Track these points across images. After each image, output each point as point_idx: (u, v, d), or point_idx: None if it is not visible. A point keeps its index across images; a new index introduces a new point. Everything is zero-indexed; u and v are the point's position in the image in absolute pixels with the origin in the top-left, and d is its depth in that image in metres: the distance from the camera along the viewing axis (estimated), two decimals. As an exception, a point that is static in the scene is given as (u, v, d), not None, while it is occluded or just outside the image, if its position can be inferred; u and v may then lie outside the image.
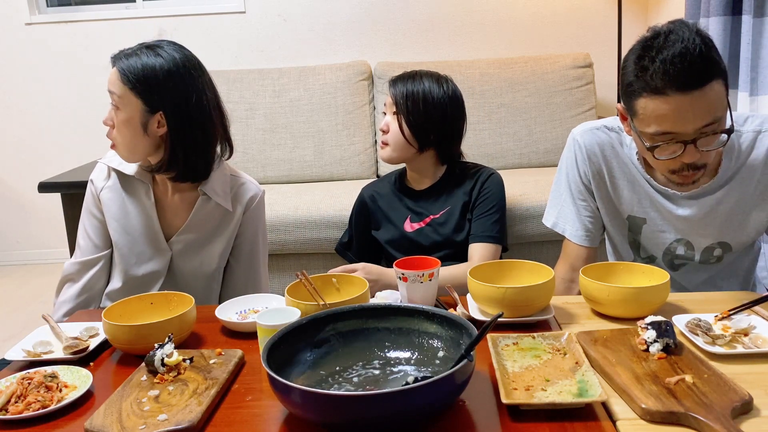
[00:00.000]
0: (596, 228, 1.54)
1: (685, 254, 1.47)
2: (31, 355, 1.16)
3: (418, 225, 1.84)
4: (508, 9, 3.45)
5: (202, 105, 1.44)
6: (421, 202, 1.86)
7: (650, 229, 1.47)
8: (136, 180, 1.54)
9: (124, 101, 1.41)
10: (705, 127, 1.20)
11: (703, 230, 1.43)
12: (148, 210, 1.53)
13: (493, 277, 1.28)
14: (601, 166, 1.49)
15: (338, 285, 1.31)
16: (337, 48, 3.52)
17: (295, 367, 1.01)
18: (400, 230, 1.86)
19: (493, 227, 1.79)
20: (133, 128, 1.43)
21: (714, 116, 1.20)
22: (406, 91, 1.77)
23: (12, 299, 3.36)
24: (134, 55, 1.41)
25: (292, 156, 3.11)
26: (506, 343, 1.09)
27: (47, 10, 3.67)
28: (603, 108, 3.40)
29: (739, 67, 2.38)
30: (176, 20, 3.53)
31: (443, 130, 1.79)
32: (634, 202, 1.47)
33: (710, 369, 0.97)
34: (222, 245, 1.57)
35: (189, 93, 1.42)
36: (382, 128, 1.83)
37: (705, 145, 1.23)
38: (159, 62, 1.41)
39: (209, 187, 1.52)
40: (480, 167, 1.89)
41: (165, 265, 1.54)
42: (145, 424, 0.89)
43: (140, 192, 1.54)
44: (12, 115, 3.70)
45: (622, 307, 1.20)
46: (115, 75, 1.42)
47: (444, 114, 1.78)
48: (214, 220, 1.55)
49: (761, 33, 2.30)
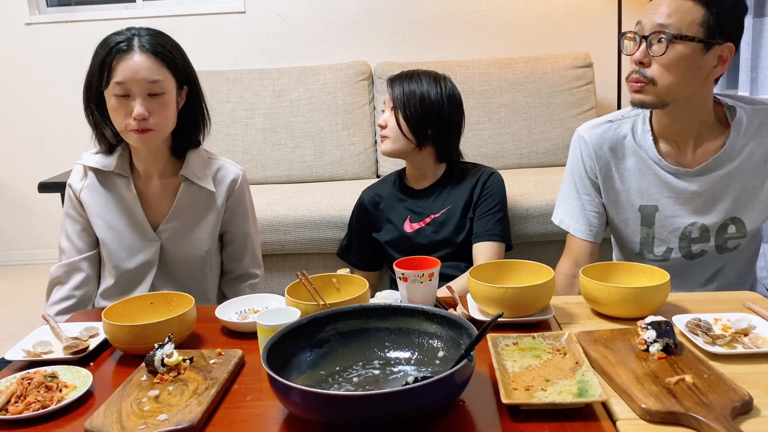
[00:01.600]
0: (600, 223, 1.57)
1: (700, 237, 1.48)
2: (31, 355, 1.16)
3: (417, 225, 1.84)
4: (508, 9, 3.45)
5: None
6: (421, 202, 1.87)
7: (663, 216, 1.49)
8: (114, 175, 1.54)
9: (166, 84, 1.43)
10: (657, 26, 1.32)
11: (715, 206, 1.46)
12: (131, 203, 1.53)
13: (493, 277, 1.28)
14: (608, 160, 1.52)
15: (338, 285, 1.31)
16: (337, 48, 3.52)
17: (295, 367, 1.01)
18: (400, 230, 1.86)
19: (496, 226, 1.79)
20: (173, 108, 1.47)
21: (669, 21, 1.32)
22: (403, 89, 1.80)
23: (12, 299, 3.36)
24: (148, 35, 1.43)
25: (292, 156, 3.11)
26: (506, 343, 1.09)
27: (47, 10, 3.67)
28: (603, 108, 3.39)
29: (739, 67, 2.38)
30: (176, 20, 3.52)
31: (440, 127, 1.81)
32: (644, 190, 1.49)
33: (710, 369, 0.97)
34: (209, 227, 1.58)
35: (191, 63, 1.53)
36: (380, 124, 1.84)
37: (655, 51, 1.34)
38: (169, 39, 1.47)
39: (189, 171, 1.54)
40: (480, 166, 1.89)
41: (155, 254, 1.55)
42: (145, 424, 0.89)
43: (120, 186, 1.54)
44: (12, 115, 3.70)
45: (622, 307, 1.20)
46: (149, 60, 1.40)
47: (440, 112, 1.80)
48: (198, 203, 1.57)
49: (761, 33, 2.30)
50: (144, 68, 1.40)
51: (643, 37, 1.35)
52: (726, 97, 1.48)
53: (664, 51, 1.32)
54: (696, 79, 1.36)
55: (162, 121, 1.44)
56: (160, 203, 1.55)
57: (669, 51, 1.32)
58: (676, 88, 1.36)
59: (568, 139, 3.08)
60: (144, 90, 1.40)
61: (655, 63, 1.34)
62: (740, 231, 1.48)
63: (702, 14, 1.31)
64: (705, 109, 1.42)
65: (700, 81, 1.36)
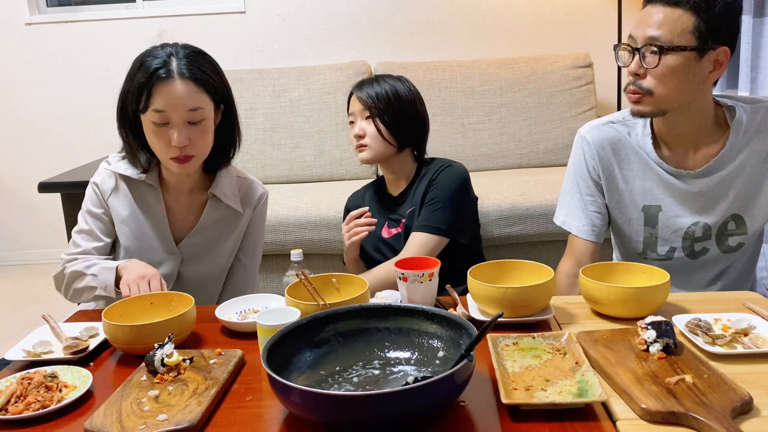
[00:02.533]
0: (603, 223, 1.57)
1: (703, 236, 1.49)
2: (31, 355, 1.16)
3: (395, 230, 1.84)
4: (508, 9, 3.45)
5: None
6: (396, 207, 1.86)
7: (666, 215, 1.49)
8: (145, 185, 1.52)
9: (206, 111, 1.40)
10: (649, 38, 1.32)
11: (717, 205, 1.46)
12: (158, 214, 1.52)
13: (493, 277, 1.28)
14: (611, 160, 1.52)
15: (338, 285, 1.31)
16: (337, 48, 3.52)
17: (295, 367, 1.01)
18: (378, 235, 1.85)
19: (434, 217, 1.73)
20: (211, 132, 1.44)
21: (660, 32, 1.31)
22: (375, 93, 1.78)
23: (12, 299, 3.36)
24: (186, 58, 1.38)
25: (292, 156, 3.11)
26: (506, 343, 1.09)
27: (47, 10, 3.66)
28: (603, 108, 3.39)
29: (739, 67, 2.38)
30: (176, 20, 3.53)
31: (417, 124, 1.81)
32: (648, 190, 1.50)
33: (710, 369, 0.97)
34: (231, 245, 1.59)
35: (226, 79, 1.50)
36: (357, 134, 1.80)
37: (649, 63, 1.34)
38: (206, 58, 1.44)
39: (219, 190, 1.53)
40: (438, 161, 1.85)
41: (175, 269, 1.54)
42: (145, 424, 0.89)
43: (149, 196, 1.53)
44: (12, 114, 3.70)
45: (622, 307, 1.20)
46: (189, 88, 1.36)
47: (414, 108, 1.81)
48: (223, 221, 1.56)
49: (761, 33, 2.30)
50: (184, 96, 1.36)
51: (636, 49, 1.35)
52: (725, 97, 1.48)
53: (657, 63, 1.32)
54: (693, 86, 1.35)
55: (202, 147, 1.42)
56: (185, 218, 1.54)
57: (662, 62, 1.32)
58: (673, 97, 1.36)
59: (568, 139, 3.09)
60: (184, 118, 1.37)
61: (650, 74, 1.34)
62: (741, 228, 1.48)
63: (693, 22, 1.30)
64: (704, 112, 1.42)
65: (697, 87, 1.36)
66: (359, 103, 1.80)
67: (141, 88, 1.36)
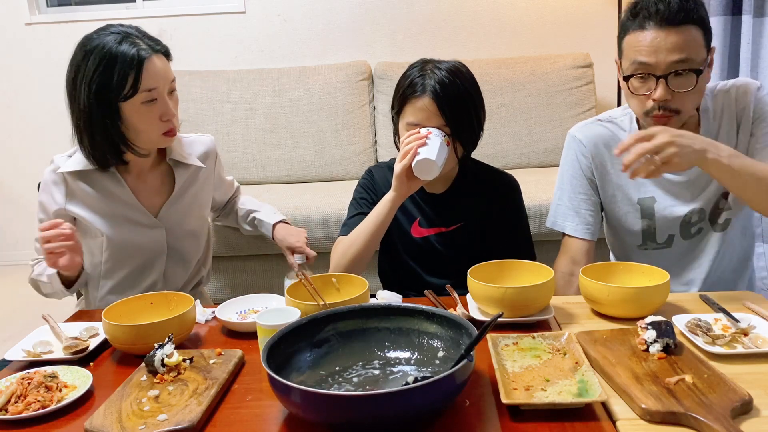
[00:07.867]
0: (596, 221, 1.59)
1: (699, 219, 1.52)
2: (31, 355, 1.16)
3: (426, 232, 1.61)
4: (508, 9, 3.45)
5: None
6: (434, 208, 1.61)
7: (662, 206, 1.52)
8: (102, 175, 1.51)
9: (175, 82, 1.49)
10: (675, 63, 1.32)
11: (706, 188, 1.49)
12: (126, 198, 1.54)
13: (493, 277, 1.28)
14: (603, 157, 1.55)
15: (338, 285, 1.31)
16: (337, 48, 3.52)
17: (295, 367, 1.01)
18: (406, 231, 1.62)
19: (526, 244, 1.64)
20: None
21: (685, 55, 1.31)
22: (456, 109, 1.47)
23: (12, 299, 3.36)
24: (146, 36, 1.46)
25: (292, 156, 3.11)
26: (506, 343, 1.09)
27: (47, 10, 3.66)
28: (603, 108, 3.39)
29: (739, 67, 2.38)
30: (176, 20, 3.52)
31: (480, 127, 1.56)
32: (640, 184, 1.52)
33: (710, 369, 0.97)
34: (207, 198, 1.70)
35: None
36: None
37: (677, 85, 1.34)
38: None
39: (177, 154, 1.59)
40: (495, 171, 1.67)
41: (163, 240, 1.58)
42: (145, 424, 0.89)
43: (107, 182, 1.53)
44: (12, 114, 3.70)
45: (622, 307, 1.20)
46: (163, 60, 1.44)
47: (482, 113, 1.55)
48: (195, 182, 1.64)
49: (761, 33, 2.30)
50: (166, 69, 1.45)
51: (661, 76, 1.33)
52: None
53: (695, 83, 1.34)
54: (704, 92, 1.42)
55: (178, 115, 1.50)
56: (153, 191, 1.58)
57: (699, 82, 1.34)
58: (694, 107, 1.42)
59: (569, 139, 3.07)
60: (167, 90, 1.45)
61: (679, 95, 1.35)
62: (727, 206, 1.50)
63: (701, 34, 1.34)
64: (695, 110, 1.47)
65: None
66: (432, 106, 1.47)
67: (125, 74, 1.38)
